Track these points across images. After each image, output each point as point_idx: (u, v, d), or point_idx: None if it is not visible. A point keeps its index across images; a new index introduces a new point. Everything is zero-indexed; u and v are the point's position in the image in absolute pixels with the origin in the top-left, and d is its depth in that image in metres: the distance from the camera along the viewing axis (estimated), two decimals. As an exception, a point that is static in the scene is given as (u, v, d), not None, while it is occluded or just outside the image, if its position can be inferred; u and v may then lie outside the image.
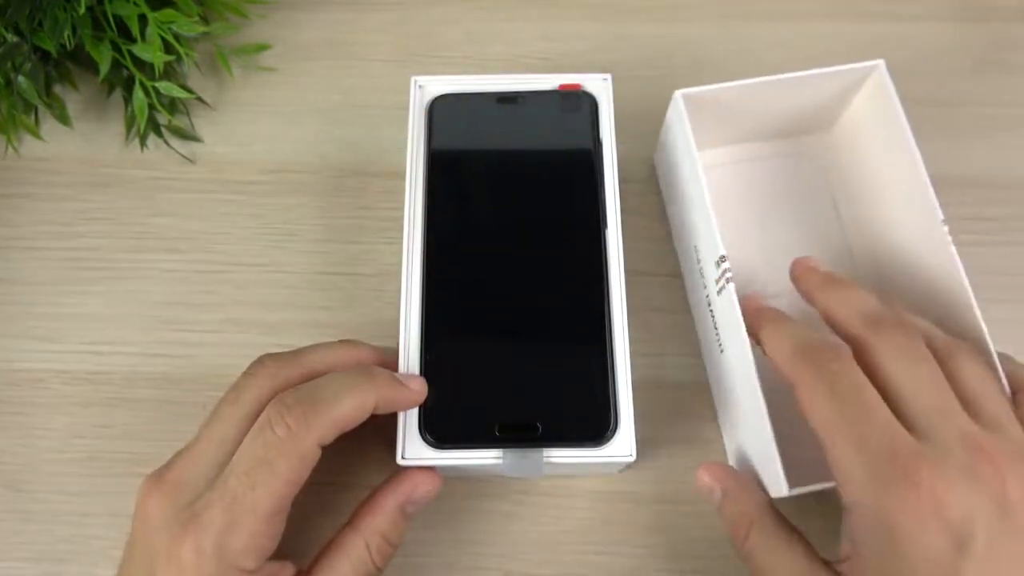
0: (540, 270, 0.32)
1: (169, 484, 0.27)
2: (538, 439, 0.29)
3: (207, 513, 0.26)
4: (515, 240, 0.33)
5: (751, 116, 0.36)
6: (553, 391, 0.30)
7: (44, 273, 0.39)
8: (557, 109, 0.35)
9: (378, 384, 0.28)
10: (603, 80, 0.35)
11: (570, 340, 0.31)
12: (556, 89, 0.35)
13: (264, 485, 0.26)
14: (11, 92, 0.38)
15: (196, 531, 0.26)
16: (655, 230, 0.39)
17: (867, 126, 0.36)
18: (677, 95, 0.33)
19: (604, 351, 0.30)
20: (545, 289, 0.32)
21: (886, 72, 0.33)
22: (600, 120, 0.34)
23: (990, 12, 0.43)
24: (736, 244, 0.37)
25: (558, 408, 0.30)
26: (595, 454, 0.29)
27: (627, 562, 0.34)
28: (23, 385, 0.37)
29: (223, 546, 0.26)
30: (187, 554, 0.25)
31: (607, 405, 0.30)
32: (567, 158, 0.34)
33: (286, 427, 0.26)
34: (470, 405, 0.30)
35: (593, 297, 0.31)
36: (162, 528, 0.26)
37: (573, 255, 0.32)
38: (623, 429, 0.29)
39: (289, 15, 0.44)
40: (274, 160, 0.41)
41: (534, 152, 0.34)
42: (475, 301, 0.32)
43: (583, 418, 0.30)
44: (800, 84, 0.34)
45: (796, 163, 0.39)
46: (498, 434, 0.29)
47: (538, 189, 0.33)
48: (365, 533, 0.28)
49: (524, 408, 0.30)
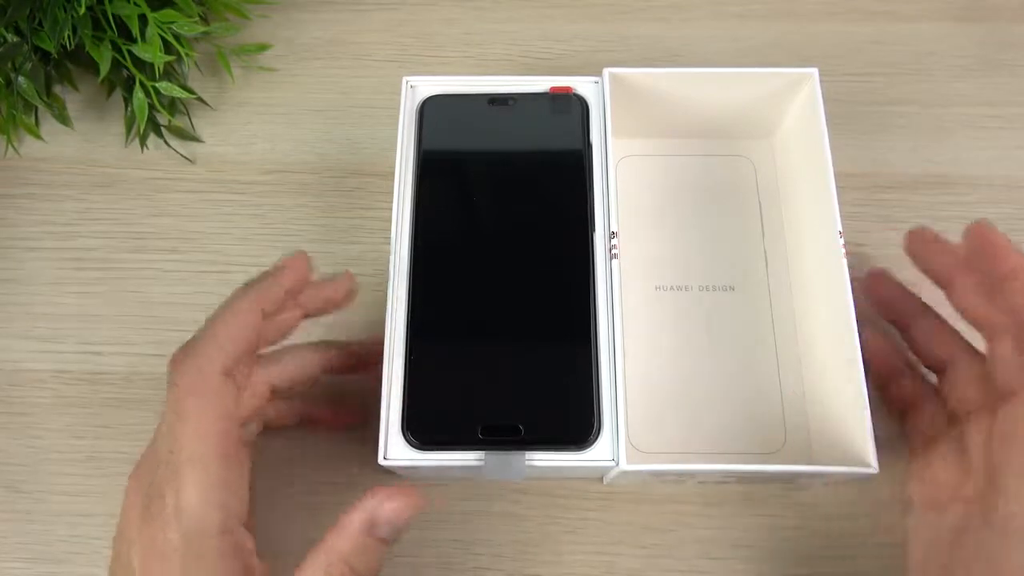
0: (527, 273, 0.32)
1: (141, 468, 0.27)
2: (520, 442, 0.29)
3: (156, 485, 0.26)
4: (503, 242, 0.33)
5: (686, 108, 0.36)
6: (537, 394, 0.30)
7: (44, 273, 0.39)
8: (548, 112, 0.35)
9: (253, 291, 0.28)
10: (594, 83, 0.35)
11: (555, 344, 0.31)
12: (547, 92, 0.35)
13: (187, 435, 0.26)
14: (11, 92, 0.38)
15: (155, 506, 0.25)
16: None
17: (798, 134, 0.36)
18: (606, 72, 0.33)
19: (589, 355, 0.30)
20: (531, 292, 0.32)
21: (817, 80, 0.34)
22: (590, 123, 0.34)
23: (990, 12, 0.43)
24: (649, 233, 0.37)
25: (541, 411, 0.30)
26: (577, 458, 0.29)
27: (627, 562, 0.34)
28: (23, 385, 0.37)
29: (181, 509, 0.25)
30: (151, 535, 0.25)
31: (590, 409, 0.29)
32: (557, 161, 0.34)
33: (172, 381, 0.26)
34: (453, 407, 0.30)
35: (579, 301, 0.31)
36: (132, 514, 0.26)
37: (561, 258, 0.32)
38: (606, 434, 0.29)
39: (289, 15, 0.44)
40: (274, 160, 0.41)
41: (524, 154, 0.34)
42: (461, 303, 0.32)
43: (566, 422, 0.30)
44: (730, 80, 0.34)
45: (733, 165, 0.39)
46: (481, 436, 0.29)
47: (527, 191, 0.33)
48: (330, 555, 0.25)
49: (507, 411, 0.30)
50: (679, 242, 0.37)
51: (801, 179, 0.36)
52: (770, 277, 0.36)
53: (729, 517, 0.34)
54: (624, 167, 0.38)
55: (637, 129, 0.37)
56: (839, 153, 0.40)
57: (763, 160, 0.38)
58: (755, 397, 0.34)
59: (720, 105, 0.36)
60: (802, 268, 0.35)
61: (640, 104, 0.35)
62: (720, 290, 0.36)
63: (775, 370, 0.34)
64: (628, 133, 0.37)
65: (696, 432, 0.34)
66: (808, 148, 0.34)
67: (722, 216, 0.37)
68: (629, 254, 0.36)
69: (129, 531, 0.26)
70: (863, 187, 0.39)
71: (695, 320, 0.35)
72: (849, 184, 0.39)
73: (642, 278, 0.36)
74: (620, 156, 0.38)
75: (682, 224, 0.37)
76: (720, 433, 0.34)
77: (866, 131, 0.41)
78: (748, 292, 0.36)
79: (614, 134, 0.33)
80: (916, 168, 0.40)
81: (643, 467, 0.29)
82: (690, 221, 0.37)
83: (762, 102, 0.36)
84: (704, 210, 0.37)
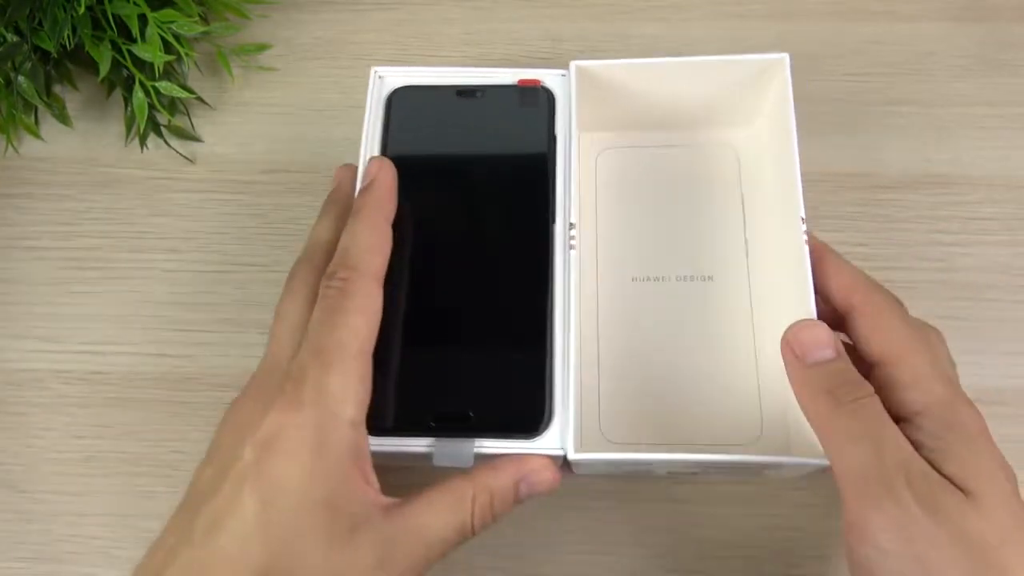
0: (485, 264, 0.32)
1: (256, 380, 0.28)
2: (470, 429, 0.29)
3: (297, 368, 0.26)
4: (464, 233, 0.33)
5: (662, 99, 0.36)
6: (489, 384, 0.30)
7: (44, 273, 0.39)
8: (515, 104, 0.35)
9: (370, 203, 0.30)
10: (562, 75, 0.35)
11: (510, 334, 0.31)
12: (515, 84, 0.35)
13: (343, 325, 0.26)
14: (11, 92, 0.38)
15: (292, 386, 0.25)
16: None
17: (773, 122, 0.35)
18: (572, 64, 0.33)
19: (543, 346, 0.30)
20: (489, 283, 0.32)
21: (788, 67, 0.33)
22: (556, 116, 0.34)
23: (990, 12, 0.43)
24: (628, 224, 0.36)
25: (493, 400, 0.30)
26: (526, 447, 0.29)
27: (627, 562, 0.34)
28: (23, 385, 0.37)
29: (322, 389, 0.25)
30: (283, 412, 0.25)
31: (541, 399, 0.30)
32: (522, 153, 0.34)
33: (340, 279, 0.27)
34: (407, 395, 0.30)
35: (536, 292, 0.31)
36: (252, 408, 0.26)
37: (519, 250, 0.32)
38: (557, 423, 0.29)
39: (289, 15, 0.44)
40: (274, 160, 0.41)
41: (489, 146, 0.34)
42: (419, 293, 0.32)
43: (516, 411, 0.30)
44: (698, 69, 0.34)
45: (716, 154, 0.38)
46: (433, 424, 0.30)
47: (490, 183, 0.34)
48: (476, 485, 0.27)
49: (459, 399, 0.30)
50: (659, 233, 0.36)
51: (773, 167, 0.35)
52: (750, 267, 0.35)
53: (729, 517, 0.34)
54: (604, 159, 0.37)
55: (616, 121, 0.37)
56: (840, 153, 0.40)
57: (746, 149, 0.37)
58: (731, 388, 0.33)
59: (697, 95, 0.35)
60: (775, 257, 0.34)
61: (616, 96, 0.35)
62: (698, 280, 0.35)
63: (753, 361, 0.34)
64: (606, 125, 0.37)
65: (671, 423, 0.33)
66: (780, 136, 0.33)
67: (703, 206, 0.37)
68: (606, 246, 0.36)
69: (243, 416, 0.26)
70: (863, 187, 0.39)
71: (672, 311, 0.35)
72: (849, 184, 0.40)
73: (619, 269, 0.35)
74: (600, 148, 0.38)
75: (662, 215, 0.36)
76: (696, 424, 0.33)
77: (866, 131, 0.41)
78: (727, 282, 0.35)
79: (592, 127, 0.33)
80: (916, 168, 0.40)
81: (590, 456, 0.29)
82: (670, 211, 0.37)
83: (739, 90, 0.35)
84: (685, 200, 0.37)
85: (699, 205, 0.37)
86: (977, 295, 0.37)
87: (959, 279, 0.38)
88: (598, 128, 0.37)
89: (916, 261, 0.38)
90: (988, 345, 0.36)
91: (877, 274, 0.30)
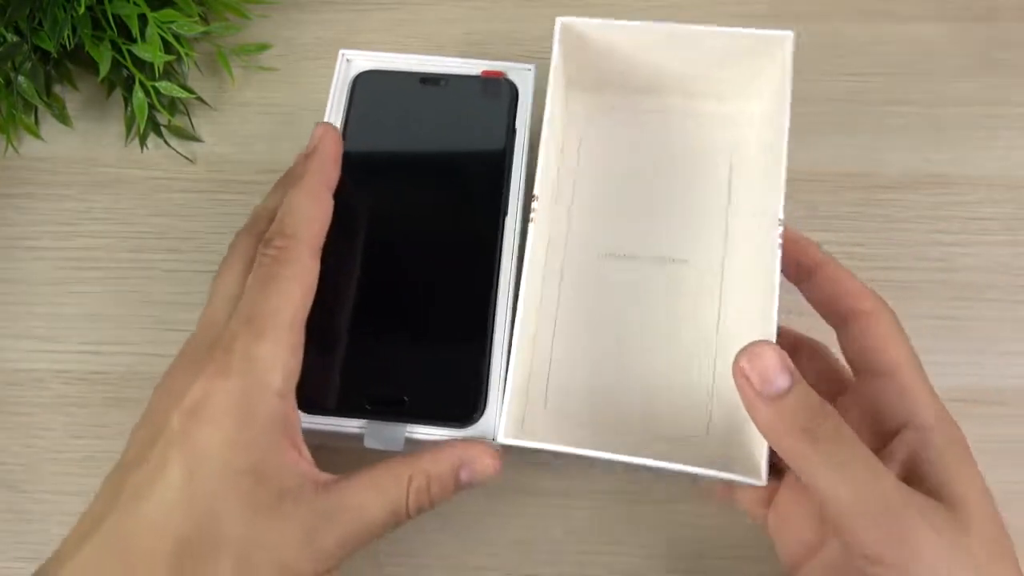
0: (433, 252, 0.32)
1: (189, 347, 0.27)
2: (404, 414, 0.30)
3: (228, 335, 0.25)
4: (415, 219, 0.33)
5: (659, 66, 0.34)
6: (427, 370, 0.31)
7: (44, 273, 0.39)
8: (478, 95, 0.35)
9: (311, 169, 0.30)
10: (527, 70, 0.35)
11: (451, 322, 0.31)
12: (478, 75, 0.35)
13: (277, 293, 0.26)
14: (11, 92, 0.38)
15: (222, 354, 0.25)
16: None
17: (771, 104, 0.33)
18: (559, 20, 0.32)
19: (484, 336, 0.31)
20: (435, 271, 0.32)
21: (791, 44, 0.31)
22: (517, 109, 0.34)
23: (990, 12, 0.43)
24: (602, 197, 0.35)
25: (429, 387, 0.30)
26: (458, 434, 0.29)
27: (627, 562, 0.34)
28: (23, 385, 0.37)
29: (251, 357, 0.25)
30: (211, 380, 0.25)
31: (477, 388, 0.30)
32: (480, 143, 0.34)
33: (276, 247, 0.27)
34: (343, 375, 0.30)
35: (480, 282, 0.31)
36: (183, 375, 0.26)
37: (468, 239, 0.32)
38: (490, 412, 0.30)
39: (289, 15, 0.44)
40: (274, 160, 0.41)
41: (448, 136, 0.35)
42: (364, 275, 0.32)
43: (451, 398, 0.30)
44: (695, 38, 0.33)
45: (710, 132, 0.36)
46: (368, 407, 0.30)
47: (446, 172, 0.34)
48: (414, 468, 0.27)
49: (396, 384, 0.30)
50: (639, 208, 0.35)
51: (763, 156, 0.33)
52: (726, 255, 0.33)
53: (729, 517, 0.34)
54: (593, 124, 0.36)
55: (608, 85, 0.36)
56: (839, 153, 0.40)
57: (741, 129, 0.35)
58: (685, 381, 0.32)
59: (694, 65, 0.34)
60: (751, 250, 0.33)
61: (609, 60, 0.34)
62: (672, 263, 0.34)
63: (712, 354, 0.32)
64: (597, 86, 0.36)
65: (620, 412, 0.32)
66: (774, 121, 0.31)
67: (689, 185, 0.35)
68: (579, 218, 0.34)
69: (174, 382, 0.26)
70: (863, 187, 0.39)
71: (640, 294, 0.33)
72: (849, 184, 0.40)
73: (589, 244, 0.34)
74: (591, 110, 0.36)
75: (644, 189, 0.35)
76: (646, 416, 0.32)
77: (866, 131, 0.41)
78: (700, 267, 0.33)
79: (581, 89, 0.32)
80: (916, 168, 0.40)
81: (518, 442, 0.28)
82: (653, 186, 0.35)
83: (740, 66, 0.34)
84: (671, 175, 0.35)
85: (686, 184, 0.35)
86: (977, 295, 0.37)
87: (959, 279, 0.38)
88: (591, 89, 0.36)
89: (916, 261, 0.38)
90: (988, 345, 0.36)
91: (877, 274, 0.30)
